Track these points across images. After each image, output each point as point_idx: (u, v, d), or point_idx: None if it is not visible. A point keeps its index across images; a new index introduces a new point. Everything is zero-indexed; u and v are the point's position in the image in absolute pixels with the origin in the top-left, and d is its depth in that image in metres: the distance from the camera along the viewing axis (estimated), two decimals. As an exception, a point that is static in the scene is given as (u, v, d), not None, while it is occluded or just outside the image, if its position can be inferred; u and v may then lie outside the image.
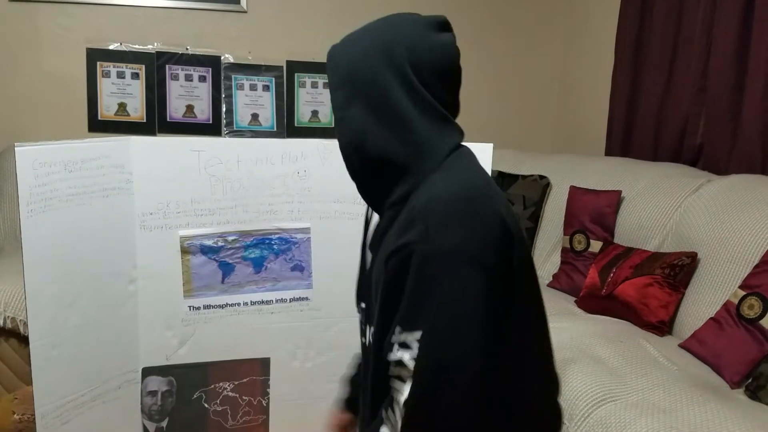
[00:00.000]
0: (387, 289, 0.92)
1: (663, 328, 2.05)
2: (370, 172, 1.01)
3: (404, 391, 0.87)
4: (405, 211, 0.94)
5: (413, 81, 0.97)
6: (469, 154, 1.03)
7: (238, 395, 1.69)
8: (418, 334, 0.86)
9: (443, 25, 1.03)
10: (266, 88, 3.40)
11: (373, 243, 1.05)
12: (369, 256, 1.09)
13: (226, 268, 1.65)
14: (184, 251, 1.59)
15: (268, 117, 3.42)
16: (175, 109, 3.32)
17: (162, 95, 3.29)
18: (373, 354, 0.98)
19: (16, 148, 1.30)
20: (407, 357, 0.87)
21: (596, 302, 2.26)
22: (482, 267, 0.87)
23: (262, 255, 1.68)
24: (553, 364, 1.08)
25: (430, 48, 0.99)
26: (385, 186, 0.99)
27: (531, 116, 3.79)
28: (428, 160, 0.96)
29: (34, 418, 1.38)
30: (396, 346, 0.88)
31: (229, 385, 1.68)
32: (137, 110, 3.28)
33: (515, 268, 0.92)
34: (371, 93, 0.97)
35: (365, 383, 1.06)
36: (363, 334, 1.09)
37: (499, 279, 0.89)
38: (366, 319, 1.07)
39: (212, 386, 1.67)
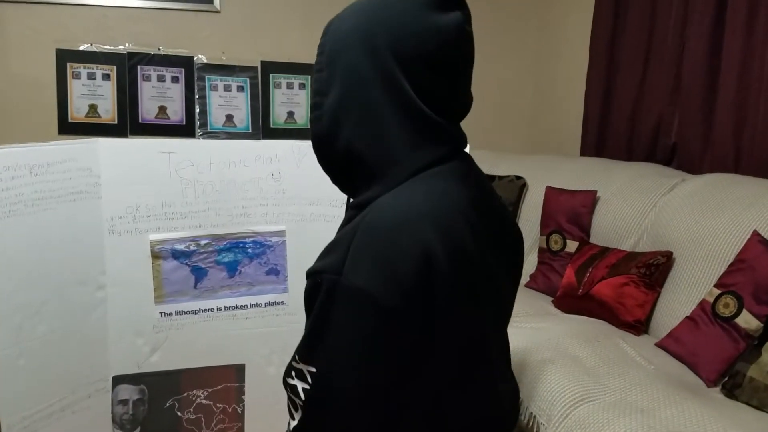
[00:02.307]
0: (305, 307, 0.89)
1: (639, 327, 2.06)
2: (340, 166, 0.93)
3: (294, 419, 0.87)
4: (344, 226, 0.89)
5: (396, 76, 0.86)
6: (450, 171, 0.92)
7: (212, 403, 1.66)
8: (312, 369, 0.84)
9: (448, 1, 0.88)
10: (241, 88, 3.37)
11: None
12: None
13: (199, 273, 1.61)
14: (155, 256, 1.56)
15: (243, 118, 3.39)
16: (148, 111, 3.27)
17: (134, 96, 3.24)
18: None
19: (-22, 152, 1.27)
20: (300, 387, 0.85)
21: (573, 302, 2.26)
22: (385, 312, 0.80)
23: (236, 259, 1.65)
24: (485, 399, 1.00)
25: (420, 33, 0.85)
26: (354, 183, 0.93)
27: (506, 117, 3.80)
28: (393, 174, 0.88)
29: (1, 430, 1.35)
30: (293, 372, 0.87)
31: (202, 393, 1.65)
32: (108, 112, 3.23)
33: (438, 307, 0.84)
34: (350, 83, 0.87)
35: None
36: None
37: (406, 323, 0.82)
38: None
39: (185, 394, 1.63)
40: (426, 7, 0.86)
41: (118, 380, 1.57)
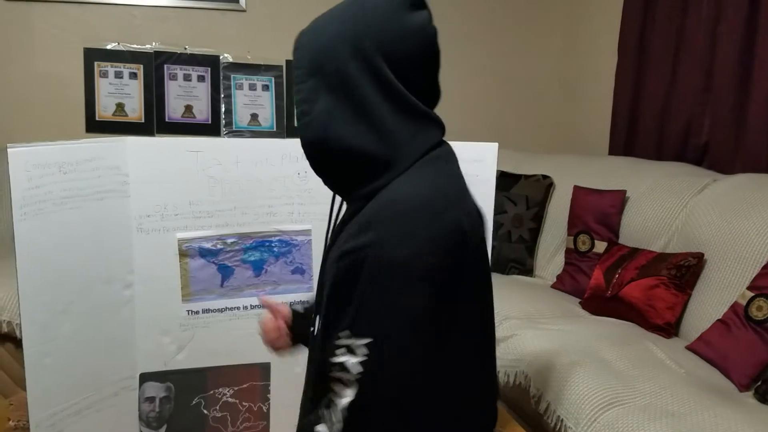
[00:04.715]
0: (336, 289, 0.93)
1: (669, 329, 2.02)
2: (337, 166, 0.97)
3: (345, 395, 0.89)
4: (365, 210, 0.93)
5: (386, 75, 0.92)
6: (446, 154, 1.00)
7: (237, 401, 1.66)
8: (365, 341, 0.87)
9: (417, 1, 0.95)
10: (266, 87, 3.37)
11: (335, 231, 1.05)
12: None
13: (225, 272, 1.61)
14: (182, 254, 1.56)
15: (267, 117, 3.39)
16: (174, 110, 3.29)
17: (160, 95, 3.26)
18: (319, 347, 0.99)
19: (8, 149, 1.26)
20: (352, 362, 0.88)
21: (601, 304, 2.23)
22: (431, 282, 0.87)
23: (262, 258, 1.65)
24: (493, 368, 1.09)
25: (404, 34, 0.92)
26: (354, 178, 0.96)
27: (533, 115, 3.76)
28: (401, 161, 0.93)
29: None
30: (342, 350, 0.89)
31: (228, 391, 1.65)
32: (135, 110, 3.25)
33: (465, 277, 0.92)
34: (339, 87, 0.92)
35: (309, 368, 1.07)
36: (312, 322, 1.08)
37: (446, 291, 0.89)
38: (317, 307, 1.05)
39: (211, 392, 1.64)
40: (402, 8, 0.93)
41: (144, 378, 1.57)
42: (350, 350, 0.88)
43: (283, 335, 1.32)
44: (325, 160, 0.98)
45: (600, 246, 2.46)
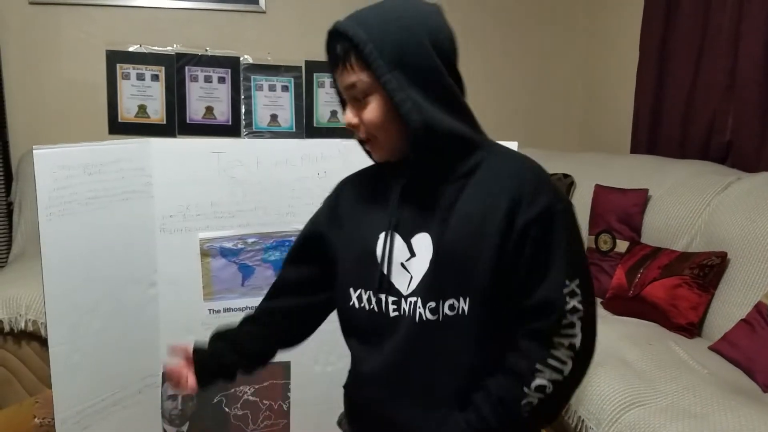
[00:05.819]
0: (536, 247, 1.02)
1: (692, 330, 2.00)
2: (440, 149, 1.05)
3: (577, 334, 1.01)
4: (486, 180, 1.04)
5: (456, 69, 1.06)
6: None
7: (258, 399, 1.67)
8: (577, 281, 1.01)
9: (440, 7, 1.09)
10: (285, 88, 3.39)
11: (427, 217, 1.07)
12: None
13: (246, 271, 1.63)
14: (204, 254, 1.57)
15: (287, 118, 3.41)
16: (195, 111, 3.32)
17: (182, 97, 3.29)
18: (475, 322, 1.03)
19: (34, 151, 1.29)
20: (576, 302, 1.00)
21: (623, 304, 2.21)
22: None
23: (282, 257, 1.66)
24: None
25: (450, 35, 1.06)
26: (454, 157, 1.06)
27: (554, 114, 3.74)
28: (483, 138, 1.09)
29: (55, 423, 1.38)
30: (567, 297, 1.01)
31: (249, 389, 1.66)
32: (157, 112, 3.28)
33: None
34: (425, 77, 1.02)
35: (424, 362, 1.06)
36: (379, 306, 1.09)
37: None
38: (407, 293, 1.06)
39: (232, 390, 1.65)
40: (440, 12, 1.06)
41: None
42: (573, 294, 1.01)
43: (184, 376, 1.22)
44: (430, 142, 1.04)
45: (622, 245, 2.44)
